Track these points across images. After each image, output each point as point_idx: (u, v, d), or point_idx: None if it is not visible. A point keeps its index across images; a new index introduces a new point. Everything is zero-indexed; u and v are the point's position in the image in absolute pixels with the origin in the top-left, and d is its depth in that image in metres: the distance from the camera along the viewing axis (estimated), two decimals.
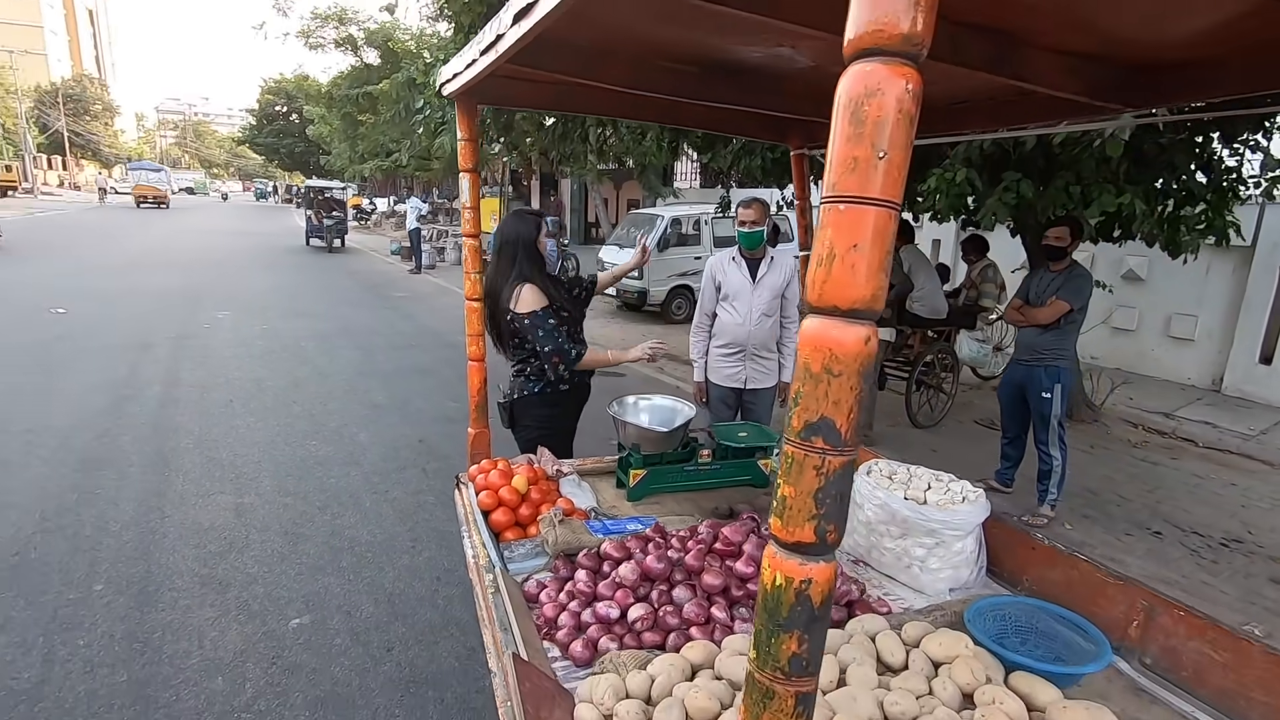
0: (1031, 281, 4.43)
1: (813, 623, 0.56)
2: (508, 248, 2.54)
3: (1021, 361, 4.44)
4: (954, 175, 4.77)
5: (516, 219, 2.59)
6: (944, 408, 6.33)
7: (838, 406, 0.53)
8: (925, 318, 6.01)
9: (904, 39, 0.50)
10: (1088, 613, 1.53)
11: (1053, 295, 4.17)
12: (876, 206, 0.51)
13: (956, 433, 6.06)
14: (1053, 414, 4.26)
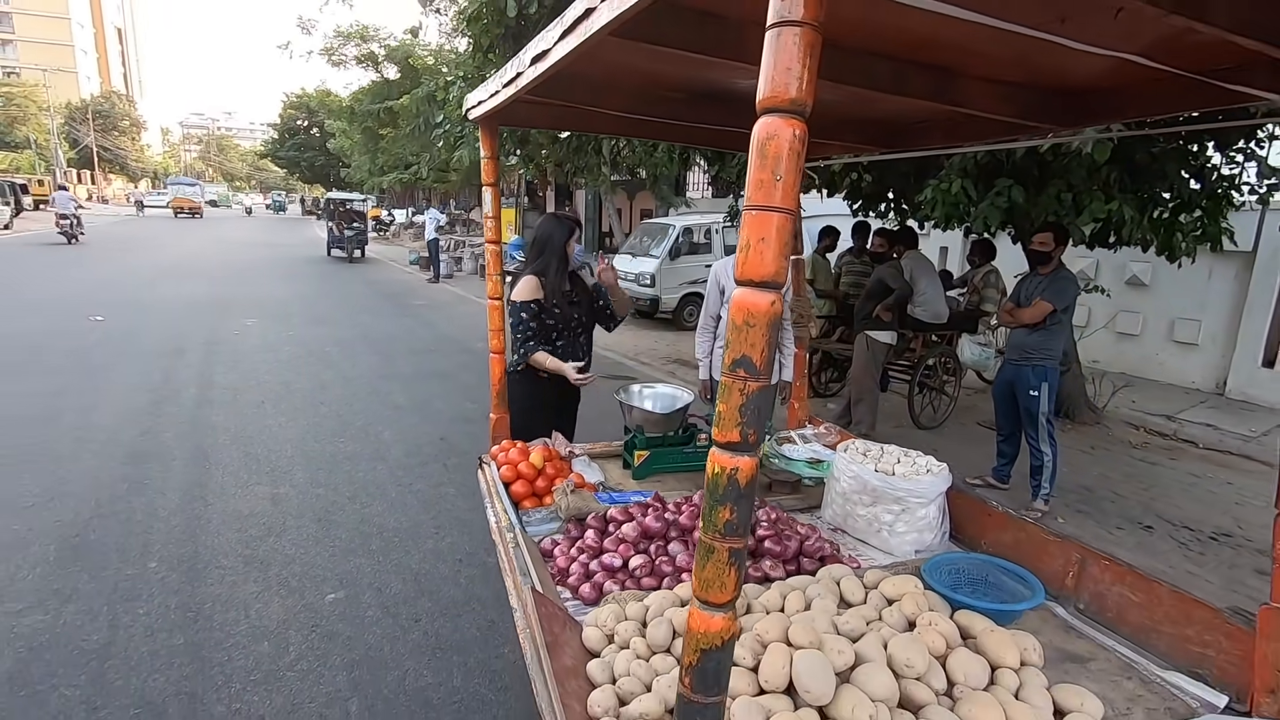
0: (1021, 285, 4.64)
1: (739, 499, 0.80)
2: (538, 244, 2.81)
3: (1011, 361, 4.64)
4: (949, 185, 4.99)
5: (554, 221, 2.84)
6: (946, 410, 6.51)
7: (754, 348, 0.78)
8: (927, 322, 6.21)
9: (792, 101, 0.74)
10: (1033, 567, 1.75)
11: (1038, 297, 4.38)
12: (776, 212, 0.76)
13: (958, 434, 6.24)
14: (1040, 411, 4.45)
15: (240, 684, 2.53)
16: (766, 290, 0.77)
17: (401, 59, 18.22)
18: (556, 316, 2.81)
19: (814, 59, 0.75)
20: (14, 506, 3.77)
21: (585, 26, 1.22)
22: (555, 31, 1.38)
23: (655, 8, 1.06)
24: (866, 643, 1.29)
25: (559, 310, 2.82)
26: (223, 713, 2.39)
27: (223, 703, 2.44)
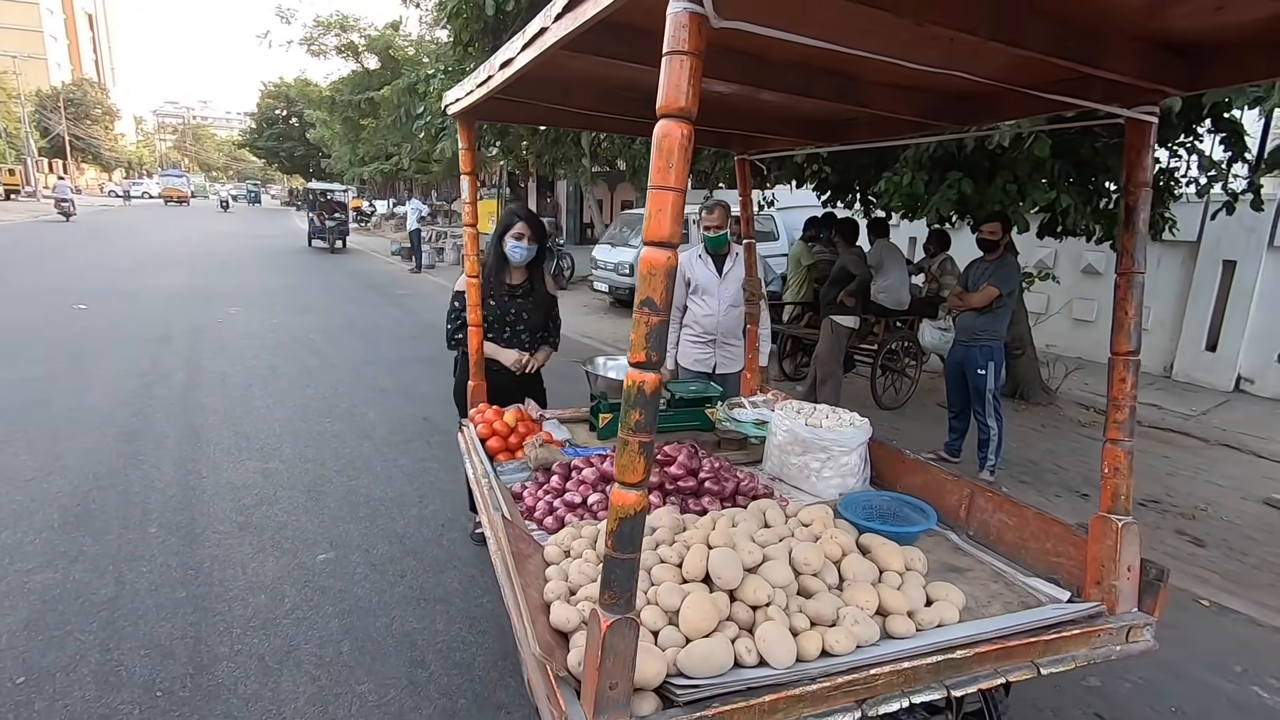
0: (969, 271, 4.97)
1: (646, 404, 1.07)
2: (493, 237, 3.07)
3: (960, 342, 4.97)
4: (902, 178, 5.30)
5: (504, 213, 3.11)
6: (908, 391, 6.85)
7: (655, 291, 1.05)
8: (889, 307, 6.55)
9: (680, 109, 1.01)
10: (934, 502, 2.05)
11: (985, 282, 4.70)
12: (670, 191, 1.03)
13: (919, 414, 6.57)
14: (987, 388, 4.78)
15: (241, 629, 2.78)
16: (664, 248, 1.05)
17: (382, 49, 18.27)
18: (490, 309, 2.98)
19: (696, 78, 1.02)
20: (15, 480, 3.97)
21: (540, 42, 1.48)
22: (518, 43, 1.64)
23: (599, 27, 1.32)
24: (774, 549, 1.57)
25: (493, 303, 3.01)
26: (225, 653, 2.64)
27: (225, 644, 2.68)
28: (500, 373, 3.03)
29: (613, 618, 1.09)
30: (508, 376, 3.05)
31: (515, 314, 3.06)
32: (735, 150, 2.96)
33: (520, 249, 3.01)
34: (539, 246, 3.08)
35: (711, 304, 3.67)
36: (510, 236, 3.00)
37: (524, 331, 3.11)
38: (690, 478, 2.10)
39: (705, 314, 3.71)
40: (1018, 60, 1.41)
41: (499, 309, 3.04)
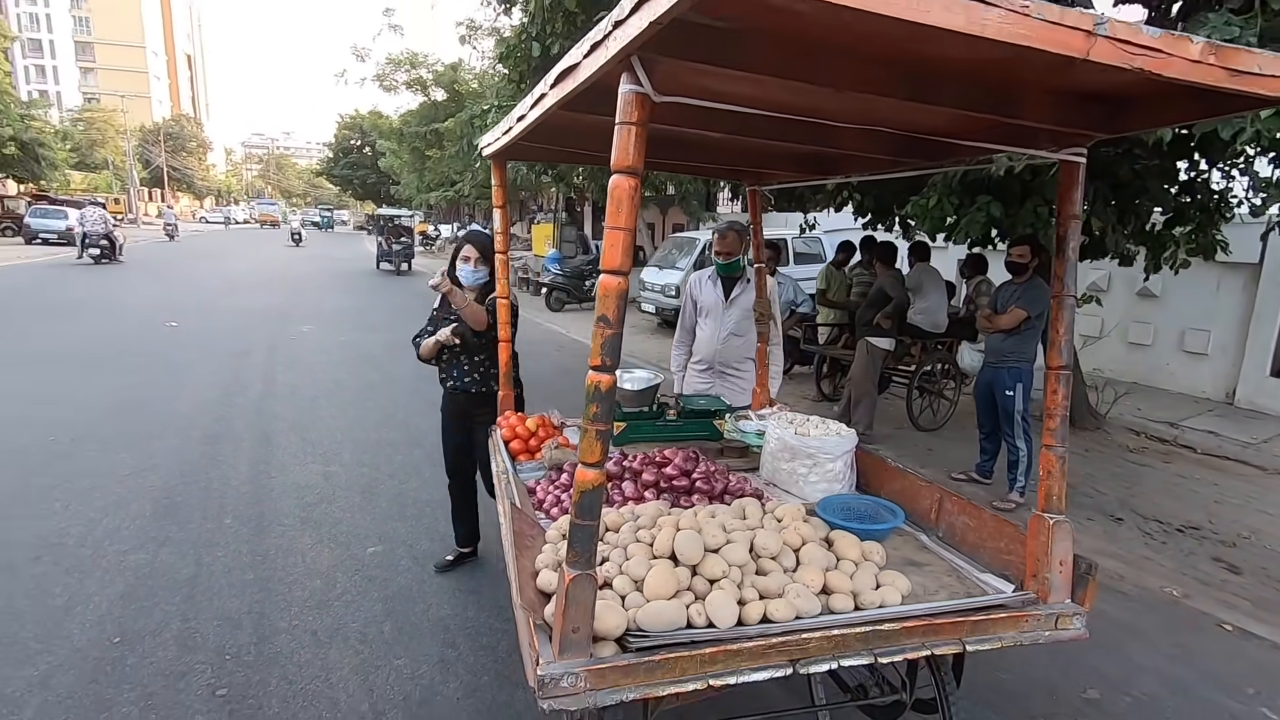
0: (998, 293, 5.05)
1: (601, 399, 1.33)
2: None
3: (990, 364, 5.04)
4: (928, 201, 5.43)
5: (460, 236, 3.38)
6: (946, 413, 6.87)
7: (609, 309, 1.31)
8: (926, 330, 6.61)
9: (629, 167, 1.29)
10: (909, 506, 2.23)
11: (1013, 304, 4.78)
12: (620, 230, 1.30)
13: (957, 436, 6.56)
14: (1015, 409, 4.83)
15: (298, 608, 3.15)
16: (616, 275, 1.32)
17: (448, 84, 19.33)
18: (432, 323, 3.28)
19: (641, 141, 1.30)
20: (115, 475, 4.51)
21: (543, 103, 1.79)
22: (529, 103, 1.96)
23: (586, 91, 1.62)
24: (738, 535, 1.80)
25: (432, 326, 3.27)
26: (285, 627, 3.00)
27: (284, 620, 3.05)
28: (455, 396, 3.32)
29: (575, 573, 1.35)
30: (462, 400, 3.32)
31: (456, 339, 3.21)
32: (747, 183, 3.22)
33: (467, 272, 3.21)
34: (490, 270, 3.22)
35: (711, 328, 3.55)
36: (459, 259, 3.22)
37: (459, 354, 3.25)
38: (684, 477, 2.34)
39: (704, 338, 3.58)
40: (946, 114, 1.63)
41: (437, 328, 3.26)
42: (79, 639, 2.82)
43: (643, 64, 1.26)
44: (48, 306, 11.47)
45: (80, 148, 44.03)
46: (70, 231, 24.52)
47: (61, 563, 3.40)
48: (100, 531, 3.73)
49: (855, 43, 1.29)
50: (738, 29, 1.28)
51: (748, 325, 3.47)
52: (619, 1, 1.21)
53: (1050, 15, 1.09)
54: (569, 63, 1.53)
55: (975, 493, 4.97)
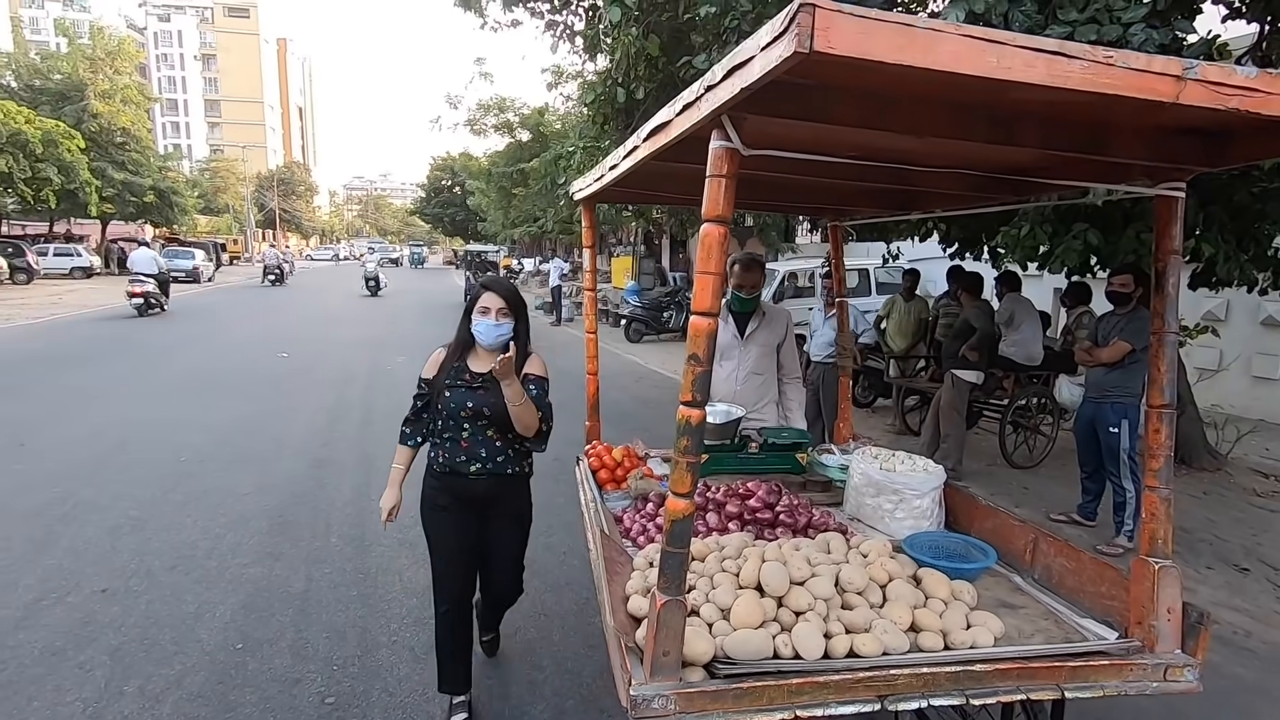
0: (1100, 324, 4.82)
1: (691, 433, 1.41)
2: None
3: (1091, 399, 4.80)
4: (1019, 230, 5.26)
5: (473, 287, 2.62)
6: (1044, 450, 6.53)
7: (700, 348, 1.40)
8: (1020, 363, 6.34)
9: (718, 216, 1.38)
10: (1002, 546, 2.19)
11: (1116, 337, 4.55)
12: (710, 275, 1.39)
13: (1057, 474, 6.21)
14: (1121, 448, 4.57)
15: (397, 625, 3.33)
16: (707, 316, 1.40)
17: (533, 125, 20.24)
18: (444, 401, 2.43)
19: (730, 193, 1.39)
20: (236, 493, 4.92)
21: (634, 155, 1.92)
22: (621, 153, 2.10)
23: (680, 144, 1.73)
24: (823, 569, 1.82)
25: (448, 394, 2.43)
26: (385, 642, 3.19)
27: (385, 635, 3.24)
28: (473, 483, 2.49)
29: (666, 598, 1.42)
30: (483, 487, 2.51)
31: (474, 409, 2.41)
32: (828, 218, 3.26)
33: (489, 326, 2.39)
34: (517, 323, 2.45)
35: (728, 367, 3.30)
36: (477, 312, 2.41)
37: (487, 429, 2.45)
38: (767, 510, 2.37)
39: (720, 378, 3.29)
40: (1031, 153, 1.65)
41: (451, 402, 2.42)
42: (208, 643, 3.09)
43: (732, 121, 1.36)
44: (178, 339, 12.61)
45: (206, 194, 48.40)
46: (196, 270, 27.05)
47: (192, 573, 3.74)
48: (224, 546, 4.08)
49: (937, 93, 1.35)
50: (822, 85, 1.36)
51: (768, 363, 3.29)
52: (700, 49, 1.32)
53: (1135, 64, 1.12)
54: (661, 120, 1.65)
55: (1077, 535, 4.70)
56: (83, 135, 25.59)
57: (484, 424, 2.44)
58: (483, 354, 2.47)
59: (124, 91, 31.94)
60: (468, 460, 2.47)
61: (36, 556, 3.87)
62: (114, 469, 5.38)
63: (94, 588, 3.54)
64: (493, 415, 2.41)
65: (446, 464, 2.48)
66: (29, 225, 32.57)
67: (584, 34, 6.80)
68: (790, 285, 11.87)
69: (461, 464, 2.46)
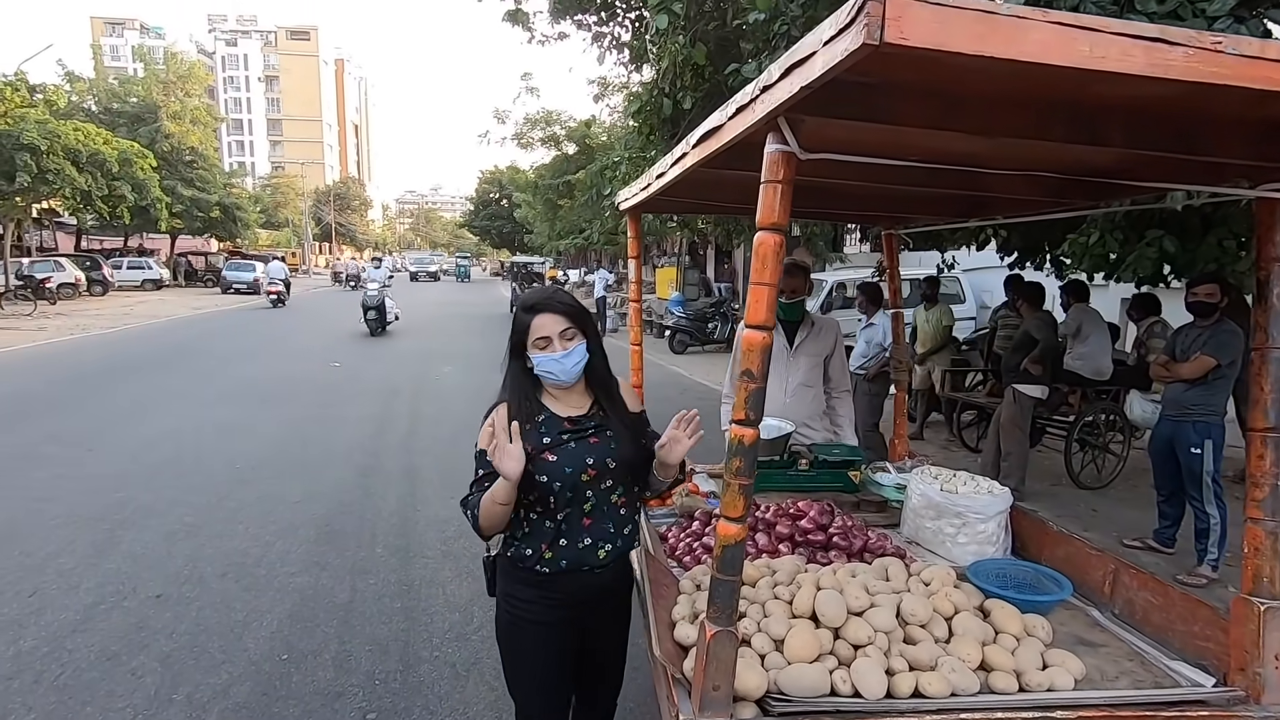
0: (1178, 337, 4.51)
1: (744, 454, 1.33)
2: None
3: (1169, 417, 4.49)
4: (1088, 238, 5.00)
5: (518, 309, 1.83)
6: (1113, 470, 6.17)
7: (753, 363, 1.31)
8: (1087, 377, 6.01)
9: (774, 224, 1.30)
10: (1077, 577, 2.03)
11: (1198, 351, 4.25)
12: (765, 286, 1.31)
13: (1129, 496, 5.84)
14: (1204, 470, 4.26)
15: (439, 639, 3.31)
16: (761, 330, 1.32)
17: (579, 138, 20.45)
18: (548, 470, 1.71)
19: (787, 199, 1.31)
20: (285, 501, 5.01)
21: (683, 162, 1.85)
22: (669, 161, 2.03)
23: (729, 150, 1.66)
24: (883, 598, 1.71)
25: (553, 458, 1.72)
26: (427, 657, 3.16)
27: (426, 650, 3.21)
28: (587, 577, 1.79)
29: (716, 628, 1.34)
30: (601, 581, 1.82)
31: (597, 466, 1.75)
32: (883, 226, 3.13)
33: (556, 360, 1.75)
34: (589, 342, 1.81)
35: (775, 380, 3.09)
36: (532, 346, 1.77)
37: (613, 491, 1.81)
38: (820, 532, 2.26)
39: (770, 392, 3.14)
40: (1113, 153, 1.52)
41: (565, 467, 1.72)
42: (254, 653, 3.12)
43: (789, 124, 1.28)
44: (238, 350, 13.06)
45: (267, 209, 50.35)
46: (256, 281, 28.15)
47: (242, 580, 3.80)
48: (273, 554, 4.14)
49: (1013, 89, 1.24)
50: (885, 84, 1.27)
51: (817, 375, 3.16)
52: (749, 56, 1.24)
53: (1249, 50, 1.00)
54: (712, 124, 1.58)
55: (1154, 563, 4.40)
56: (155, 155, 26.93)
57: (610, 485, 1.79)
58: (562, 393, 1.84)
59: (193, 112, 33.61)
60: (595, 544, 1.77)
61: (98, 560, 4.00)
62: (172, 475, 5.55)
63: (149, 593, 3.63)
64: (619, 466, 1.80)
65: (560, 559, 1.75)
66: (106, 240, 34.39)
67: (630, 45, 6.80)
68: (839, 296, 11.63)
69: (587, 551, 1.76)
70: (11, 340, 13.50)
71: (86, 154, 21.50)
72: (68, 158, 20.73)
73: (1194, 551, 4.33)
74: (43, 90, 21.84)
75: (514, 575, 1.82)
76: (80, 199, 22.34)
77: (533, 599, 1.80)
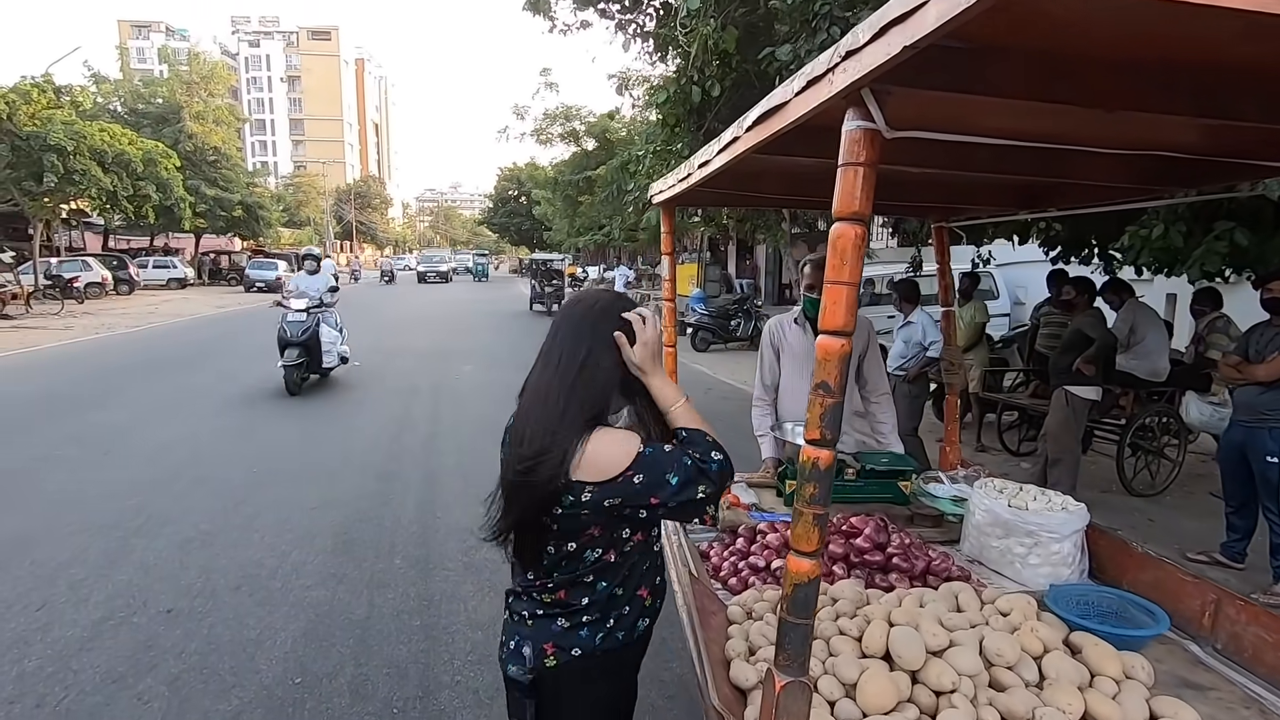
0: (1251, 336, 4.19)
1: (820, 478, 1.14)
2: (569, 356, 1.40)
3: (1241, 423, 4.16)
4: (1150, 230, 4.71)
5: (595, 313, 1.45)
6: (1169, 476, 5.84)
7: (830, 375, 1.12)
8: (1142, 378, 5.69)
9: (854, 213, 1.11)
10: (1170, 606, 1.81)
11: (1275, 351, 3.96)
12: (845, 285, 1.13)
13: (1186, 504, 5.53)
14: None
15: (461, 662, 3.13)
16: (839, 336, 1.14)
17: (599, 133, 20.27)
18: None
19: (869, 185, 1.12)
20: (303, 508, 4.89)
21: (733, 148, 1.67)
22: (715, 148, 1.84)
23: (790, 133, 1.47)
24: (963, 635, 1.51)
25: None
26: (448, 681, 2.99)
27: (448, 674, 3.04)
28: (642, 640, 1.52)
29: (787, 679, 1.15)
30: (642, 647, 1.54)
31: None
32: (934, 219, 2.92)
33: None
34: None
35: (803, 383, 2.94)
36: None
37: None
38: (877, 552, 2.07)
39: (796, 393, 3.02)
40: (1242, 130, 1.31)
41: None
42: (267, 676, 2.97)
43: (875, 96, 1.09)
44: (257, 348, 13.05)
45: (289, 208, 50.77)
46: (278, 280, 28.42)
47: (256, 594, 3.67)
48: (288, 565, 4.01)
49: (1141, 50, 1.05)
50: (982, 47, 1.08)
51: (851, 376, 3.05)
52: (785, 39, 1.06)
53: None
54: (774, 102, 1.40)
55: (1223, 579, 4.13)
56: (178, 155, 27.19)
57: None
58: None
59: (216, 113, 33.90)
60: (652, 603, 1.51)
61: (109, 571, 3.88)
62: (188, 479, 5.45)
63: (160, 608, 3.50)
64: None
65: (661, 588, 1.53)
66: (133, 240, 34.86)
67: (655, 34, 6.60)
68: (866, 292, 11.35)
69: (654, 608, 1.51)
70: (39, 339, 13.62)
71: (112, 154, 21.72)
72: (93, 158, 20.94)
73: (1269, 568, 4.04)
74: (68, 92, 22.09)
75: (610, 669, 1.44)
76: (106, 199, 22.57)
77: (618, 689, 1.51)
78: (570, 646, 1.37)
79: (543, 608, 1.40)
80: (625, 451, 1.31)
